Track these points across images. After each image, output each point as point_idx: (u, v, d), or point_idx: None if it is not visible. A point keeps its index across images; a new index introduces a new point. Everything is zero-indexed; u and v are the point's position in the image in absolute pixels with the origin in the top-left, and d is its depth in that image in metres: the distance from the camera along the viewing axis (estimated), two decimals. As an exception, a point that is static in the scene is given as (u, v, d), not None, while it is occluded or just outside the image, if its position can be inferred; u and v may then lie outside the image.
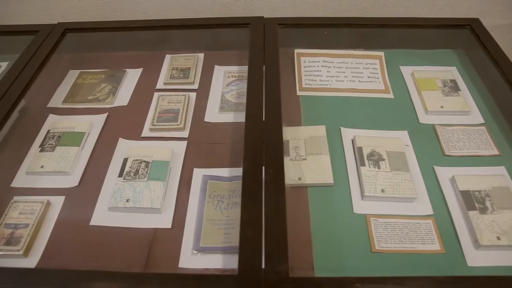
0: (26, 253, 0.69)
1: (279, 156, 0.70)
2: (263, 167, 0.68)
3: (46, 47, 0.97)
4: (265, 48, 0.90)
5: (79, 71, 1.05)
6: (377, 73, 0.96)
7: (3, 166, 0.83)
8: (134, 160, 0.80)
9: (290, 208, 0.67)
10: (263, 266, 0.57)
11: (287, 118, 0.85)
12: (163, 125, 0.87)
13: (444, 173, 0.78)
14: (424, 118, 0.89)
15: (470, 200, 0.73)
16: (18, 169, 0.83)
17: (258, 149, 0.71)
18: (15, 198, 0.78)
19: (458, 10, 1.25)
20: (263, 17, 1.01)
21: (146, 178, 0.77)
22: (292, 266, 0.59)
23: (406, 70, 0.99)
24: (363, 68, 0.97)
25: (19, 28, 1.07)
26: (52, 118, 0.93)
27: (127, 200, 0.74)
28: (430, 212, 0.73)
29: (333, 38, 1.06)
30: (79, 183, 0.79)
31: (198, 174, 0.79)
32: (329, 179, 0.76)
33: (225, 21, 1.05)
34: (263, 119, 0.76)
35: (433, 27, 1.01)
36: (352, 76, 0.95)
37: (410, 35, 1.07)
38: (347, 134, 0.84)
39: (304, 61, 0.98)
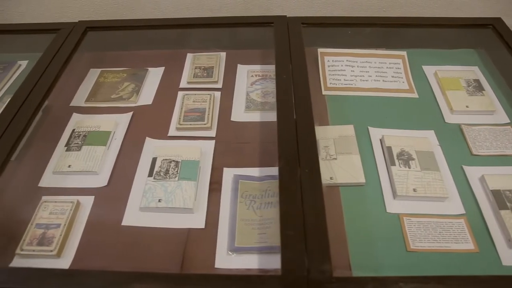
0: (59, 253, 0.69)
1: (314, 156, 0.70)
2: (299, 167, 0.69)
3: (69, 45, 0.96)
4: (290, 47, 0.90)
5: (100, 69, 1.04)
6: (401, 73, 0.96)
7: (30, 165, 0.83)
8: (164, 159, 0.80)
9: (324, 207, 0.67)
10: (306, 266, 0.58)
11: (315, 117, 0.84)
12: (190, 124, 0.86)
13: (473, 173, 0.78)
14: (450, 118, 0.89)
15: (501, 199, 0.73)
16: (45, 169, 0.82)
17: (292, 148, 0.71)
18: (44, 198, 0.77)
19: (475, 10, 1.25)
20: (286, 16, 1.00)
21: (177, 178, 0.77)
22: (330, 266, 0.60)
23: (429, 70, 0.99)
24: (387, 67, 0.97)
25: (39, 27, 1.05)
26: (76, 117, 0.92)
27: (159, 200, 0.74)
28: (462, 211, 0.73)
29: (354, 37, 1.06)
30: (108, 182, 0.79)
31: (229, 173, 0.78)
32: (361, 179, 0.76)
33: (247, 20, 1.05)
34: (295, 119, 0.76)
35: (456, 26, 1.01)
36: (376, 76, 0.95)
37: (430, 35, 1.07)
38: (375, 133, 0.84)
39: (328, 61, 0.98)
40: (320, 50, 1.00)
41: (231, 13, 1.29)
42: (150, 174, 0.78)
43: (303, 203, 0.64)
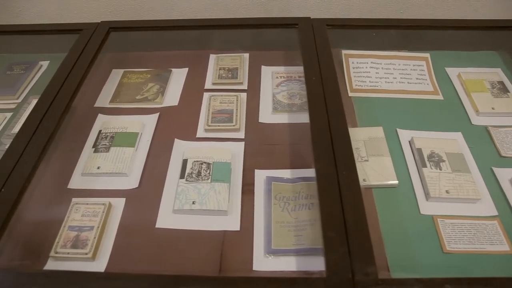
0: (94, 256, 0.68)
1: (350, 157, 0.70)
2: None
3: (93, 46, 0.95)
4: (317, 49, 0.90)
5: (122, 70, 1.03)
6: (425, 75, 0.97)
7: (58, 167, 0.82)
8: (195, 161, 0.79)
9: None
10: (350, 268, 0.58)
11: (343, 119, 0.85)
12: (219, 126, 0.86)
13: (503, 174, 0.79)
14: (476, 120, 0.89)
15: (534, 201, 0.74)
16: (73, 170, 0.81)
17: (328, 150, 0.71)
18: (74, 199, 0.76)
19: (494, 11, 1.25)
20: (310, 17, 1.00)
21: (209, 180, 0.76)
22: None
23: (452, 72, 0.99)
24: (411, 69, 0.97)
25: (60, 27, 1.05)
26: (101, 118, 0.91)
27: (193, 202, 0.73)
28: (495, 213, 0.73)
29: (375, 39, 1.06)
30: (139, 184, 0.78)
31: (261, 175, 0.78)
32: (394, 180, 0.76)
33: (271, 21, 1.05)
34: (328, 120, 0.76)
35: (477, 28, 1.02)
36: (401, 78, 0.96)
37: (451, 37, 1.07)
38: (404, 135, 0.84)
39: (352, 62, 0.98)
40: (344, 51, 1.00)
41: (249, 14, 1.28)
42: (182, 176, 0.77)
43: (343, 205, 0.64)
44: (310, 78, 0.84)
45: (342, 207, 0.64)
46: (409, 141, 0.83)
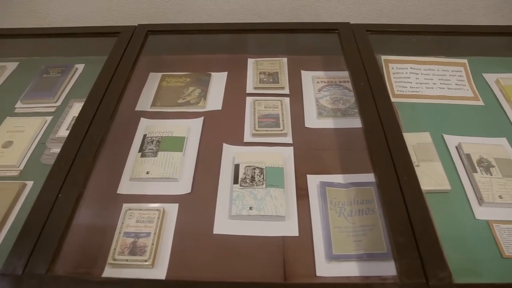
0: (153, 263, 0.67)
1: (408, 162, 0.70)
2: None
3: (133, 49, 0.94)
4: (361, 54, 0.91)
5: (160, 73, 1.03)
6: (464, 80, 0.98)
7: (106, 172, 0.80)
8: (247, 166, 0.79)
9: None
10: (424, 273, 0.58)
11: (389, 124, 0.86)
12: (266, 130, 0.85)
13: (552, 180, 0.80)
14: (518, 125, 0.91)
15: None
16: (121, 175, 0.80)
17: (385, 156, 0.71)
18: (126, 205, 0.75)
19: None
20: (349, 23, 1.01)
21: (264, 185, 0.76)
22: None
23: (490, 78, 1.00)
24: (449, 75, 0.98)
25: (96, 30, 1.03)
26: (144, 122, 0.90)
27: (250, 208, 0.72)
28: (549, 217, 0.75)
29: (411, 44, 1.07)
30: (191, 189, 0.77)
31: (314, 180, 0.78)
32: (446, 185, 0.77)
33: (310, 26, 1.05)
34: (382, 126, 0.76)
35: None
36: (441, 83, 0.97)
37: (487, 43, 1.09)
38: (451, 140, 0.85)
39: (392, 68, 0.99)
40: (383, 57, 1.01)
41: (279, 19, 1.29)
42: (236, 181, 0.76)
43: (408, 210, 0.65)
44: (358, 83, 0.84)
45: (408, 212, 0.64)
46: (456, 147, 0.84)
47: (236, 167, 0.79)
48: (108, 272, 0.66)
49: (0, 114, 0.93)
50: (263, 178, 0.76)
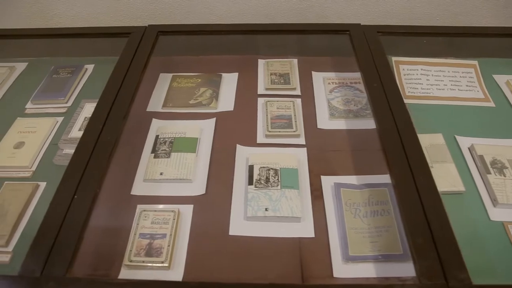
0: (169, 264, 0.67)
1: (424, 163, 0.70)
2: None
3: (144, 50, 0.94)
4: (373, 56, 0.91)
5: (171, 74, 1.02)
6: (474, 82, 0.98)
7: (119, 173, 0.80)
8: (261, 167, 0.78)
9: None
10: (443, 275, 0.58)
11: (401, 126, 0.86)
12: (279, 132, 0.85)
13: None
14: (529, 126, 0.91)
15: None
16: (135, 176, 0.80)
17: (401, 157, 0.71)
18: (141, 206, 0.75)
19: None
20: (360, 24, 1.01)
21: (279, 186, 0.76)
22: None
23: (500, 79, 1.01)
24: (460, 76, 0.98)
25: (107, 30, 1.03)
26: (156, 122, 0.90)
27: (266, 209, 0.72)
28: None
29: (420, 45, 1.07)
30: (205, 190, 0.77)
31: (328, 181, 0.78)
32: (460, 187, 0.77)
33: (321, 27, 1.05)
34: (396, 127, 0.76)
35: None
36: (451, 85, 0.97)
37: (497, 44, 1.09)
38: (463, 142, 0.85)
39: (403, 69, 0.99)
40: (394, 58, 1.01)
41: (287, 20, 1.29)
42: (250, 182, 0.76)
43: (425, 211, 0.65)
44: (371, 84, 0.84)
45: (425, 213, 0.64)
46: (469, 148, 0.84)
47: (250, 168, 0.79)
48: (124, 274, 0.66)
49: (11, 114, 0.93)
50: (277, 179, 0.76)
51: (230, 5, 1.27)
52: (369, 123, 0.89)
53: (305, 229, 0.71)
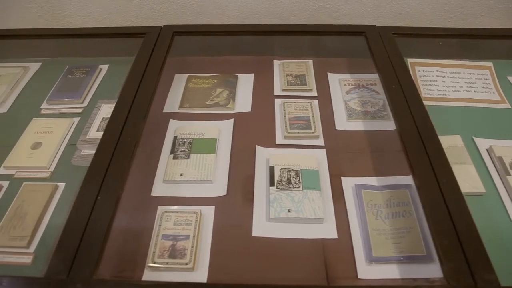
0: (194, 266, 0.67)
1: (446, 164, 0.71)
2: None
3: (160, 50, 0.93)
4: (390, 57, 0.91)
5: (186, 75, 1.02)
6: (490, 83, 0.98)
7: (138, 173, 0.79)
8: (282, 168, 0.78)
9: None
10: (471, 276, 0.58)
11: (419, 127, 0.86)
12: (298, 133, 0.85)
13: None
14: (545, 128, 0.92)
15: None
16: (154, 177, 0.80)
17: (423, 159, 0.71)
18: (162, 207, 0.75)
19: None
20: (375, 25, 1.01)
21: (300, 188, 0.76)
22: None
23: (514, 81, 1.02)
24: (475, 78, 0.99)
25: (121, 31, 1.03)
26: (174, 123, 0.90)
27: (289, 210, 0.72)
28: None
29: (435, 47, 1.08)
30: (227, 191, 0.77)
31: (349, 183, 0.78)
32: (481, 188, 0.77)
33: (336, 28, 1.05)
34: (417, 128, 0.76)
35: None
36: (467, 86, 0.97)
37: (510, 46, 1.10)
38: (481, 143, 0.85)
39: (419, 71, 1.00)
40: (409, 60, 1.01)
41: (299, 21, 1.29)
42: (272, 184, 0.76)
43: (450, 212, 0.65)
44: (389, 86, 0.85)
45: (450, 215, 0.65)
46: (487, 150, 0.85)
47: (271, 169, 0.78)
48: (148, 275, 0.66)
49: (27, 115, 0.92)
50: (299, 180, 0.76)
51: (242, 6, 1.27)
52: (387, 125, 0.90)
53: (328, 230, 0.71)
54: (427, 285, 0.61)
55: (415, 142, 0.74)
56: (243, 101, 0.94)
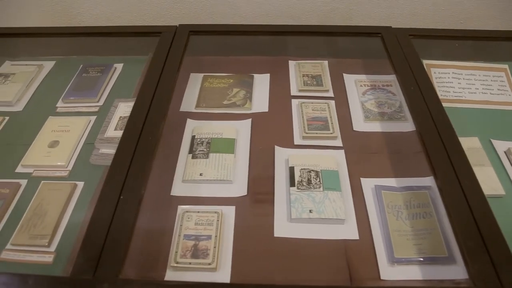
0: (216, 266, 0.67)
1: (467, 166, 0.71)
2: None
3: (177, 49, 0.93)
4: (407, 59, 0.91)
5: (202, 74, 1.02)
6: (505, 85, 0.99)
7: (157, 173, 0.79)
8: (302, 169, 0.78)
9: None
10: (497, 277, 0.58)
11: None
12: (316, 133, 0.85)
13: None
14: (562, 130, 0.92)
15: None
16: (173, 177, 0.80)
17: (445, 160, 0.71)
18: (183, 207, 0.74)
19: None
20: (391, 27, 1.01)
21: (321, 188, 0.76)
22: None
23: (529, 83, 1.02)
24: (491, 80, 0.99)
25: (137, 29, 1.03)
26: (191, 123, 0.90)
27: (310, 211, 0.72)
28: None
29: (450, 49, 1.08)
30: (247, 191, 0.77)
31: (368, 184, 0.78)
32: (500, 190, 0.77)
33: (352, 29, 1.05)
34: (437, 130, 0.76)
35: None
36: (483, 88, 0.98)
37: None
38: (499, 146, 0.86)
39: (435, 72, 1.00)
40: (425, 61, 1.01)
41: (312, 21, 1.29)
42: (292, 184, 0.76)
43: (473, 214, 0.65)
44: (408, 88, 0.85)
45: (473, 216, 0.65)
46: (505, 152, 0.85)
47: (291, 169, 0.78)
48: (170, 275, 0.65)
49: (43, 113, 0.92)
50: (319, 181, 0.76)
51: (254, 6, 1.27)
52: (404, 126, 0.90)
53: (350, 231, 0.71)
54: (453, 287, 0.61)
55: (435, 143, 0.75)
56: (260, 101, 0.94)
